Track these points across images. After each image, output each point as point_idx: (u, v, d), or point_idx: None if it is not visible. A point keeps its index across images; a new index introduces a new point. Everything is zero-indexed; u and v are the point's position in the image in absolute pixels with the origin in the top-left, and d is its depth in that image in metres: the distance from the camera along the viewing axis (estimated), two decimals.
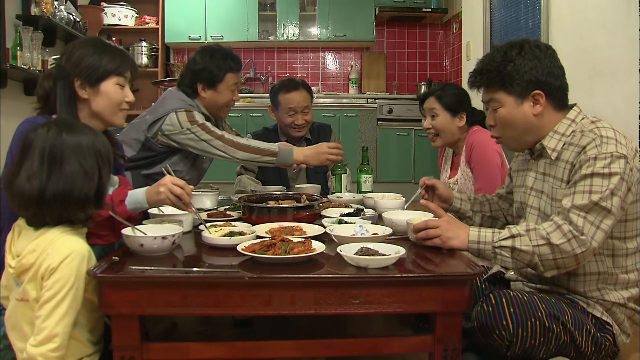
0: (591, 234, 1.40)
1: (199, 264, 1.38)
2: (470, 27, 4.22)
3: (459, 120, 2.39)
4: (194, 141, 2.29)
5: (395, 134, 5.68)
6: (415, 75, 6.39)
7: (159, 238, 1.43)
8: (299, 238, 1.52)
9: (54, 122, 1.38)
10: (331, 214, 1.94)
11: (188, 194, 1.63)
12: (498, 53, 1.62)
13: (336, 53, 6.39)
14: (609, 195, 1.41)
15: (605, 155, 1.44)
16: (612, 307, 1.55)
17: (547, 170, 1.62)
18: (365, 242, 1.46)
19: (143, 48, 5.86)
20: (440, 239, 1.51)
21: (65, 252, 1.25)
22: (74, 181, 1.29)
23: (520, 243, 1.44)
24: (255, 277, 1.25)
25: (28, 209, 1.31)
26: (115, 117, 1.76)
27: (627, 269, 1.56)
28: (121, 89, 1.75)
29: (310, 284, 1.28)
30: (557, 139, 1.58)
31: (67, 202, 1.29)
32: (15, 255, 1.32)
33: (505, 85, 1.59)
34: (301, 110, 2.82)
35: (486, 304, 1.45)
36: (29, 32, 3.02)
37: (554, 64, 1.58)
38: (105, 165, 1.38)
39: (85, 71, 1.68)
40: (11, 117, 3.26)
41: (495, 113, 1.64)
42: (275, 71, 6.34)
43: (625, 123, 2.42)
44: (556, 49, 2.92)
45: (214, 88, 2.41)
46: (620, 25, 2.44)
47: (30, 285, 1.27)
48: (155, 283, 1.27)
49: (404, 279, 1.28)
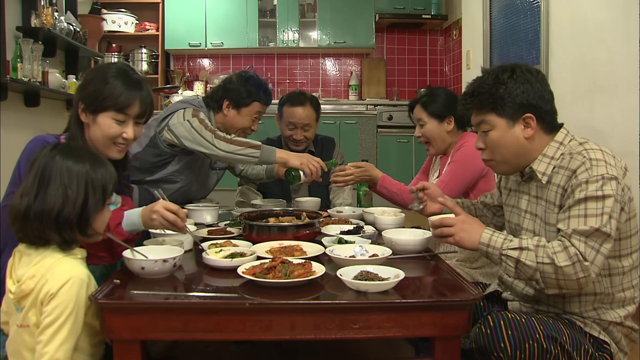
0: (591, 258, 1.41)
1: (200, 288, 1.39)
2: (470, 36, 4.23)
3: (447, 125, 2.35)
4: (188, 131, 2.32)
5: (395, 140, 5.69)
6: (415, 82, 6.41)
7: (159, 261, 1.44)
8: (299, 259, 1.53)
9: (59, 145, 1.39)
10: (331, 231, 1.95)
11: (182, 218, 1.63)
12: (489, 76, 1.63)
13: (336, 59, 6.41)
14: (607, 219, 1.42)
15: (597, 177, 1.45)
16: (609, 327, 1.56)
17: (539, 193, 1.63)
18: (364, 265, 1.46)
19: (143, 55, 5.87)
20: (454, 238, 1.54)
21: (64, 277, 1.26)
22: (54, 202, 1.30)
23: (525, 257, 1.45)
24: (255, 303, 1.26)
25: (15, 223, 1.33)
26: (108, 150, 1.70)
27: (623, 286, 1.57)
28: (119, 124, 1.68)
29: (310, 309, 1.29)
30: (546, 162, 1.59)
31: (45, 221, 1.30)
32: (15, 280, 1.33)
33: (497, 107, 1.60)
34: (301, 126, 2.83)
35: (484, 325, 1.46)
36: (29, 44, 3.03)
37: (544, 88, 1.59)
38: (96, 194, 1.37)
39: (88, 97, 1.67)
40: (12, 128, 3.27)
41: (486, 136, 1.64)
42: (275, 77, 6.36)
43: (624, 138, 2.42)
44: (556, 62, 2.96)
45: (238, 110, 2.52)
46: (619, 40, 2.45)
47: (31, 311, 1.28)
48: (157, 309, 1.28)
49: (403, 305, 1.29)
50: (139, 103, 1.70)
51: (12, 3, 3.24)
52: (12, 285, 1.33)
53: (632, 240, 1.55)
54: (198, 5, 5.83)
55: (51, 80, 3.31)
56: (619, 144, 2.45)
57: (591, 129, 2.53)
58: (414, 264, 1.66)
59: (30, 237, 1.32)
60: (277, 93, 6.32)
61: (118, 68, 1.72)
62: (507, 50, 3.60)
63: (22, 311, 1.31)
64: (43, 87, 3.25)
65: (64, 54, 3.89)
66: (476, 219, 1.61)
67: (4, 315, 1.41)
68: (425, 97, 2.39)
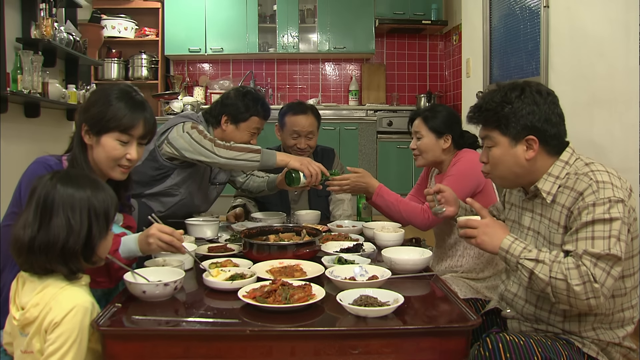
0: (602, 280, 1.42)
1: (201, 312, 1.40)
2: (470, 45, 4.24)
3: (443, 142, 2.34)
4: (188, 142, 2.33)
5: (395, 147, 5.71)
6: (415, 87, 6.42)
7: (161, 285, 1.45)
8: (299, 281, 1.54)
9: (59, 173, 1.40)
10: (331, 249, 1.96)
11: (178, 239, 1.64)
12: (498, 93, 1.64)
13: (336, 64, 6.42)
14: (615, 242, 1.43)
15: (604, 200, 1.46)
16: (607, 347, 1.57)
17: (543, 211, 1.64)
18: (364, 288, 1.47)
19: (143, 60, 5.88)
20: (476, 240, 1.57)
21: (68, 306, 1.27)
22: (58, 234, 1.30)
23: (540, 270, 1.46)
24: (256, 330, 1.27)
25: (19, 255, 1.34)
26: (112, 172, 1.72)
27: (623, 307, 1.58)
28: (122, 145, 1.69)
29: (311, 335, 1.30)
30: (551, 181, 1.60)
31: (51, 254, 1.31)
32: (19, 307, 1.34)
33: (501, 126, 1.61)
34: (305, 135, 2.84)
35: (483, 348, 1.47)
36: (29, 56, 3.04)
37: (553, 110, 1.60)
38: (100, 221, 1.37)
39: (91, 119, 1.68)
40: (12, 140, 3.28)
41: (489, 151, 1.66)
42: (275, 82, 6.37)
43: (624, 154, 2.43)
44: (555, 74, 2.97)
45: (237, 125, 2.52)
46: (619, 55, 2.46)
47: (35, 338, 1.29)
48: (158, 335, 1.29)
49: (402, 331, 1.30)
50: (142, 124, 1.71)
51: (12, 14, 3.26)
52: (16, 312, 1.34)
53: (634, 260, 1.56)
54: (198, 10, 5.84)
55: (51, 91, 3.32)
56: (619, 159, 2.46)
57: (591, 142, 2.53)
58: (413, 285, 1.67)
59: (35, 269, 1.33)
60: (276, 98, 6.33)
61: (121, 89, 1.73)
62: (507, 59, 3.61)
63: (26, 337, 1.32)
64: (43, 98, 3.26)
65: (64, 62, 3.90)
66: (502, 223, 1.63)
67: (7, 336, 1.43)
68: (428, 112, 2.39)
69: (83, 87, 3.86)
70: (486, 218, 1.61)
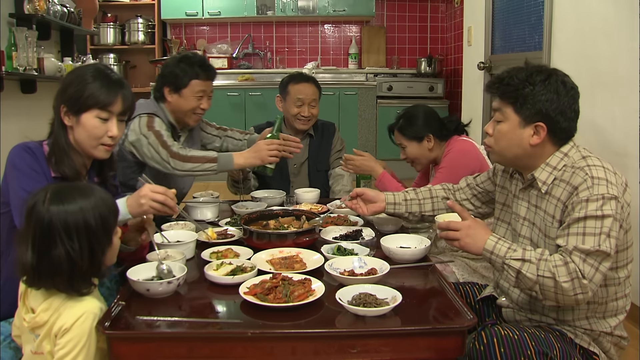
0: (590, 276, 1.44)
1: (204, 311, 1.44)
2: (472, 12, 4.15)
3: (427, 143, 2.41)
4: (146, 147, 2.29)
5: (395, 112, 5.56)
6: (416, 50, 6.33)
7: (164, 283, 1.48)
8: (299, 274, 1.58)
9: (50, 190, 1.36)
10: (330, 235, 1.98)
11: (171, 198, 1.65)
12: (524, 71, 1.62)
13: (335, 27, 6.31)
14: (606, 238, 1.44)
15: (597, 197, 1.47)
16: (599, 337, 1.61)
17: (538, 202, 1.65)
18: (363, 284, 1.51)
19: (139, 25, 5.78)
20: (459, 242, 1.58)
21: (77, 312, 1.30)
22: (60, 264, 1.30)
23: (527, 269, 1.48)
24: (257, 333, 1.31)
25: (26, 277, 1.34)
26: (95, 151, 1.70)
27: (617, 296, 1.61)
28: (103, 122, 1.67)
29: (311, 336, 1.34)
30: (548, 171, 1.61)
31: (57, 281, 1.32)
32: (29, 308, 1.37)
33: (517, 104, 1.60)
34: (309, 103, 2.84)
35: (478, 342, 1.50)
36: (23, 33, 2.99)
37: (571, 105, 1.58)
38: (99, 236, 1.36)
39: (69, 99, 1.66)
40: (10, 117, 3.27)
41: (496, 124, 1.66)
42: (273, 46, 6.27)
43: (624, 139, 2.41)
44: (558, 51, 2.93)
45: (179, 93, 2.41)
46: (623, 37, 2.40)
47: (45, 341, 1.34)
48: (163, 338, 1.33)
49: (400, 332, 1.34)
50: (121, 100, 1.69)
51: None
52: (26, 314, 1.37)
53: (628, 252, 1.59)
54: None
55: (47, 66, 3.28)
56: (619, 144, 2.46)
57: (592, 123, 2.52)
58: (412, 275, 1.70)
59: (42, 287, 1.35)
60: (275, 62, 6.25)
61: (96, 68, 1.71)
62: (509, 31, 3.54)
63: (36, 337, 1.36)
64: (39, 76, 3.22)
65: (59, 33, 3.84)
66: (483, 223, 1.63)
67: (16, 329, 1.47)
68: (402, 121, 2.45)
69: (79, 58, 3.81)
70: (467, 220, 1.61)
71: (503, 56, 3.65)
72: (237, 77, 5.82)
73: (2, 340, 1.57)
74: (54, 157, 1.66)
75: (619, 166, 1.58)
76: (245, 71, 5.93)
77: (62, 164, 1.66)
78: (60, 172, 1.66)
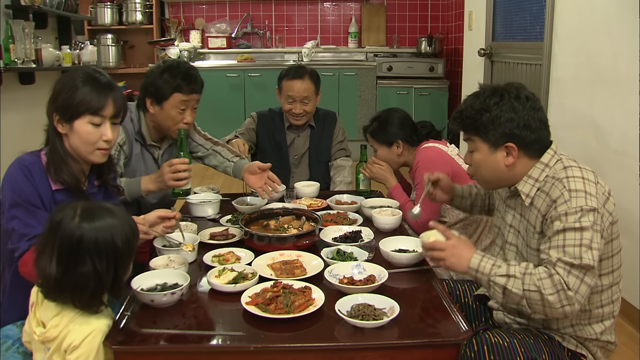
0: (575, 287, 1.47)
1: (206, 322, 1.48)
2: None
3: (396, 148, 2.49)
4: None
5: (394, 92, 5.65)
6: (416, 28, 6.27)
7: (168, 294, 1.52)
8: (299, 281, 1.62)
9: (79, 209, 1.38)
10: (330, 236, 2.01)
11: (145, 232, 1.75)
12: (477, 100, 1.65)
13: (335, 5, 6.23)
14: (587, 250, 1.47)
15: (575, 209, 1.49)
16: (585, 342, 1.65)
17: (523, 212, 1.69)
18: (361, 294, 1.55)
19: (137, 4, 5.71)
20: (444, 262, 1.61)
21: (86, 330, 1.35)
22: (87, 281, 1.34)
23: (512, 285, 1.51)
24: (259, 347, 1.36)
25: (45, 287, 1.38)
26: (92, 156, 1.71)
27: (602, 303, 1.64)
28: (96, 127, 1.67)
29: (311, 350, 1.39)
30: (530, 184, 1.64)
31: (77, 297, 1.36)
32: (39, 321, 1.42)
33: (480, 133, 1.64)
34: (300, 100, 2.84)
35: (469, 349, 1.55)
36: (20, 25, 2.96)
37: (533, 116, 1.60)
38: (124, 260, 1.40)
39: (60, 107, 1.66)
40: (9, 108, 3.27)
41: (472, 155, 1.70)
42: (273, 24, 6.21)
43: (623, 138, 2.42)
44: (559, 43, 2.90)
45: (160, 105, 2.30)
46: (625, 35, 2.39)
47: (55, 354, 1.38)
48: (167, 352, 1.38)
49: (397, 345, 1.39)
50: (112, 103, 1.69)
51: None
52: (37, 327, 1.42)
53: (613, 260, 1.62)
54: None
55: (45, 57, 3.27)
56: (618, 143, 2.47)
57: (591, 120, 2.52)
58: (409, 280, 1.74)
59: (61, 302, 1.39)
60: (274, 40, 6.20)
61: (85, 73, 1.70)
62: (511, 18, 3.51)
63: (47, 350, 1.41)
64: (38, 67, 3.21)
65: (56, 21, 3.80)
66: (468, 242, 1.67)
67: (27, 336, 1.51)
68: (374, 124, 2.52)
69: (77, 45, 3.78)
70: (451, 239, 1.64)
71: (504, 44, 3.63)
72: (236, 57, 5.77)
73: (11, 345, 1.61)
74: (52, 166, 1.67)
75: (618, 166, 1.59)
76: (245, 50, 5.88)
77: (62, 172, 1.67)
78: (60, 180, 1.67)
